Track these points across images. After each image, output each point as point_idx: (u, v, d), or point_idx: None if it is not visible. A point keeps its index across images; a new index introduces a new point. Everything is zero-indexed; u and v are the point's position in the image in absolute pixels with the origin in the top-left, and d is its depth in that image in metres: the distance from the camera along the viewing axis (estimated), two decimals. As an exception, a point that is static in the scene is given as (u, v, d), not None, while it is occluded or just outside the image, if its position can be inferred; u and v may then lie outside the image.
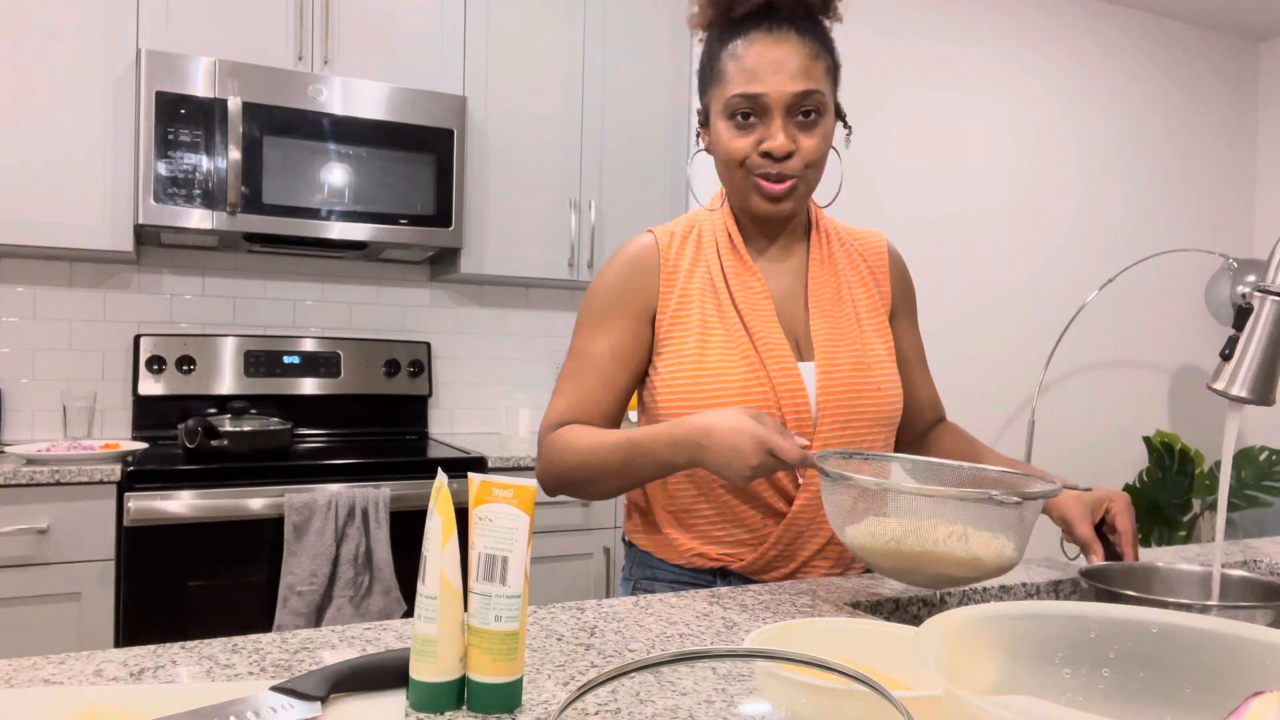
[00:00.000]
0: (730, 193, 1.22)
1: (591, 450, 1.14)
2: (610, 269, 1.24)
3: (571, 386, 1.22)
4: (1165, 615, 0.67)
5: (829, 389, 1.18)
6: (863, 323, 1.25)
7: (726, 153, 1.16)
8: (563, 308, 3.28)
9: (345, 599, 2.24)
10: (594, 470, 1.15)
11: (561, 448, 1.17)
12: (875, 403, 1.21)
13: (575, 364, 1.23)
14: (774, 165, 1.14)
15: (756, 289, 1.21)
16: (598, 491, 1.17)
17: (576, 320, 1.25)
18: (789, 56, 1.13)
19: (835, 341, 1.21)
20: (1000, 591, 1.15)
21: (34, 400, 2.60)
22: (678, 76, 3.10)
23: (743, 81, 1.13)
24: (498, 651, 0.70)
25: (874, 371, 1.22)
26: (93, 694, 0.71)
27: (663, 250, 1.23)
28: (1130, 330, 4.01)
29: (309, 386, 2.81)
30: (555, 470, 1.18)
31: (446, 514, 0.70)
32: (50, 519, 2.08)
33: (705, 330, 1.19)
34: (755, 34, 1.14)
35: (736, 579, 1.21)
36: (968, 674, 0.65)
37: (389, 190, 2.59)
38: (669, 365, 1.20)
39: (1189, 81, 4.12)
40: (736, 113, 1.14)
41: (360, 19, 2.64)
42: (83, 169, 2.36)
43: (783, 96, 1.12)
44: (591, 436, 1.15)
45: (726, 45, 1.16)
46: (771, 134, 1.13)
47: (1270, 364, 0.89)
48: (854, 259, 1.29)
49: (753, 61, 1.13)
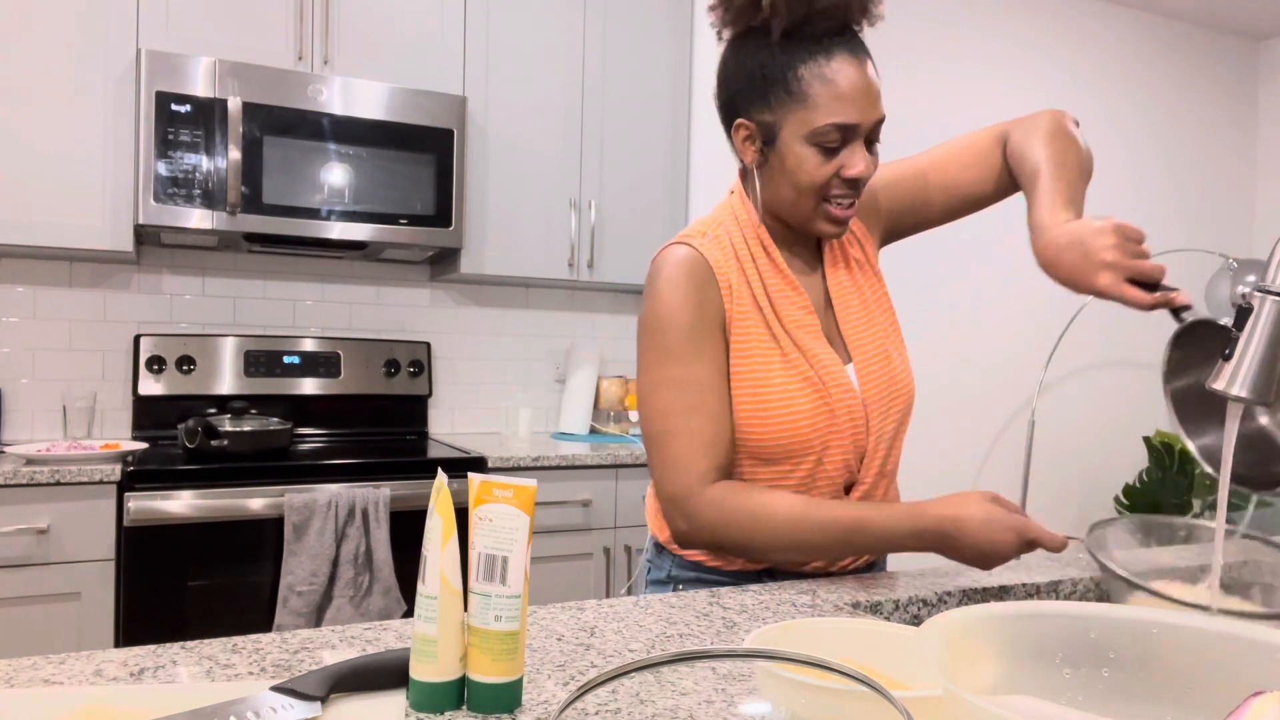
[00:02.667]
0: (790, 213, 1.16)
1: (796, 524, 1.08)
2: (671, 289, 1.14)
3: (701, 422, 1.11)
4: (1165, 615, 0.67)
5: (870, 386, 1.19)
6: (874, 307, 1.25)
7: (811, 179, 1.11)
8: (563, 308, 3.28)
9: (345, 599, 2.24)
10: (793, 545, 1.08)
11: (747, 514, 1.09)
12: (903, 387, 1.23)
13: (688, 396, 1.12)
14: (854, 192, 1.13)
15: (799, 303, 1.18)
16: (779, 560, 1.13)
17: (654, 349, 1.14)
18: (871, 81, 1.09)
19: (865, 340, 1.22)
20: (1000, 591, 1.15)
21: (34, 400, 2.60)
22: (678, 76, 3.10)
23: (838, 110, 1.07)
24: (498, 651, 0.70)
25: (894, 358, 1.23)
26: (93, 694, 0.71)
27: (713, 262, 1.16)
28: (1130, 330, 4.01)
29: (309, 386, 2.81)
30: (733, 535, 1.10)
31: (446, 514, 0.70)
32: (50, 519, 2.08)
33: (763, 353, 1.16)
34: (840, 54, 1.08)
35: (782, 576, 1.22)
36: (968, 674, 0.65)
37: (389, 190, 2.59)
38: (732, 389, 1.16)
39: (1189, 81, 4.12)
40: (826, 141, 1.09)
41: (360, 19, 2.64)
42: (83, 169, 2.36)
43: (870, 124, 1.10)
44: (789, 505, 1.08)
45: (807, 63, 1.08)
46: (855, 161, 1.10)
47: (1270, 364, 0.89)
48: (851, 242, 1.28)
49: (846, 88, 1.07)
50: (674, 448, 1.12)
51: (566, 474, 2.61)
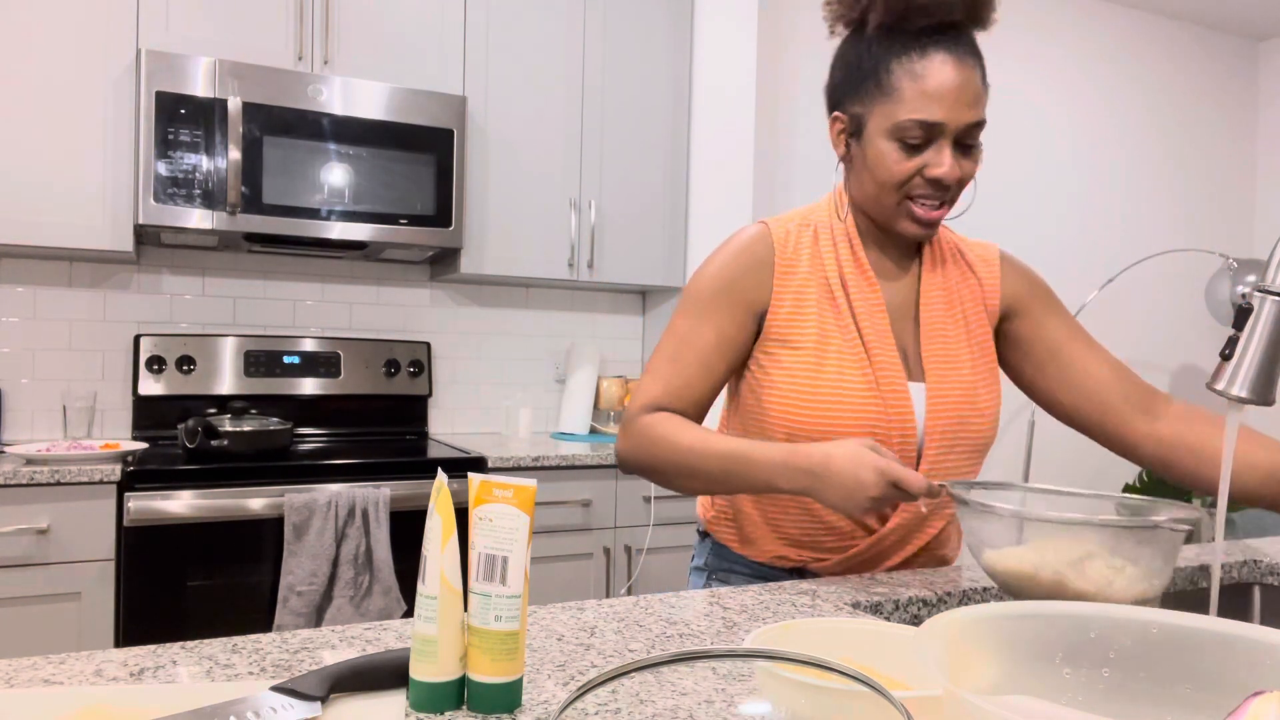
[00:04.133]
0: (874, 209, 1.16)
1: (691, 450, 1.11)
2: (721, 255, 1.19)
3: (670, 370, 1.17)
4: (1165, 615, 0.67)
5: (938, 414, 1.16)
6: (972, 340, 1.21)
7: (890, 175, 1.10)
8: (563, 308, 3.28)
9: (345, 599, 2.24)
10: (688, 470, 1.12)
11: (657, 437, 1.14)
12: (979, 429, 1.19)
13: (675, 346, 1.18)
14: (939, 193, 1.11)
15: (874, 301, 1.17)
16: (682, 487, 1.15)
17: (679, 302, 1.20)
18: (968, 83, 1.07)
19: (947, 364, 1.18)
20: (1000, 592, 1.15)
21: (34, 400, 2.60)
22: (678, 76, 3.10)
23: (922, 106, 1.07)
24: (497, 651, 0.70)
25: (980, 396, 1.19)
26: (93, 694, 0.71)
27: (778, 244, 1.18)
28: (1130, 330, 4.01)
29: (309, 386, 2.81)
30: (643, 457, 1.15)
31: (446, 514, 0.70)
32: (50, 519, 2.08)
33: (824, 336, 1.15)
34: (934, 52, 1.07)
35: (813, 576, 1.22)
36: (968, 674, 0.65)
37: (389, 190, 2.59)
38: (784, 367, 1.16)
39: (1189, 81, 4.12)
40: (907, 137, 1.08)
41: (360, 19, 2.64)
42: (83, 169, 2.36)
43: (959, 126, 1.08)
44: (694, 434, 1.12)
45: (900, 58, 1.08)
46: (940, 161, 1.08)
47: (1270, 364, 0.89)
48: (965, 272, 1.25)
49: (935, 85, 1.06)
50: (642, 381, 1.20)
51: (566, 474, 2.61)
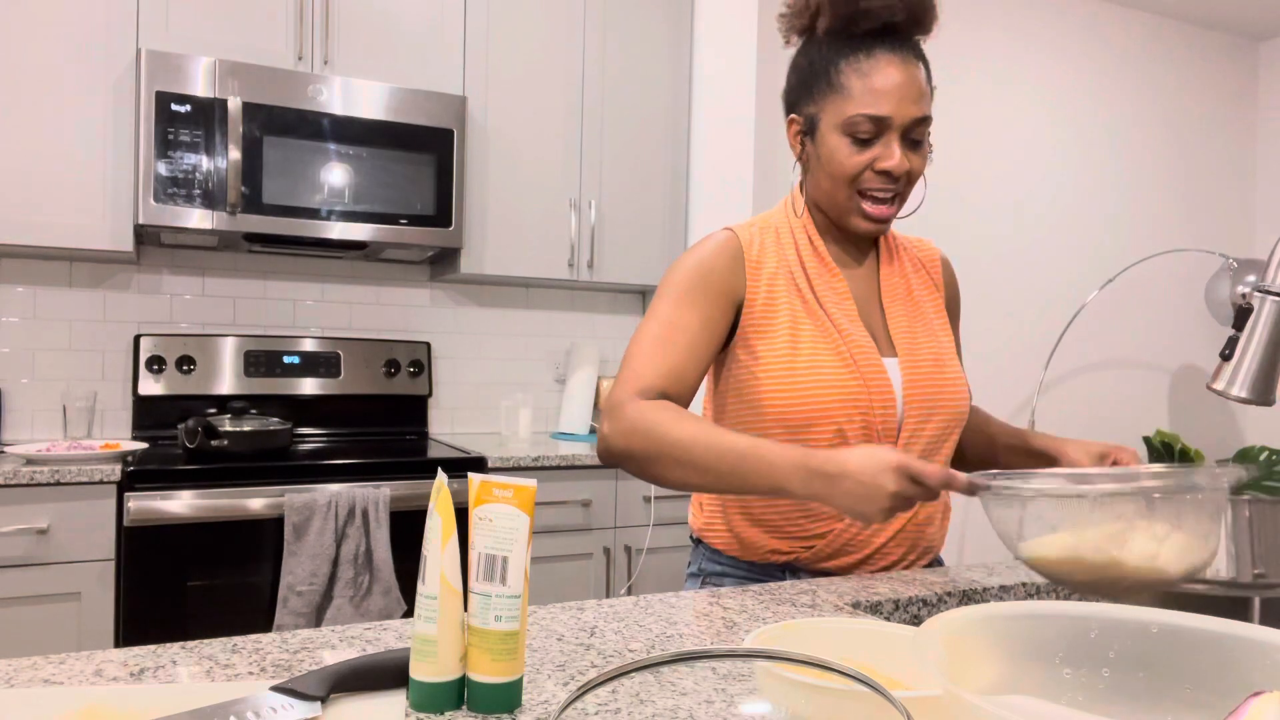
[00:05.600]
0: (829, 205, 1.22)
1: (695, 441, 1.06)
2: (696, 252, 1.22)
3: (660, 354, 1.15)
4: (1165, 615, 0.67)
5: (914, 383, 1.20)
6: (931, 320, 1.28)
7: (842, 168, 1.16)
8: (563, 308, 3.28)
9: (345, 599, 2.24)
10: (689, 462, 1.06)
11: (654, 421, 1.08)
12: (953, 397, 1.23)
13: (662, 331, 1.16)
14: (888, 185, 1.16)
15: (839, 288, 1.22)
16: (676, 480, 1.09)
17: (658, 292, 1.20)
18: (912, 80, 1.14)
19: (914, 337, 1.23)
20: (1000, 591, 1.15)
21: (34, 400, 2.60)
22: (677, 76, 3.10)
23: (870, 101, 1.13)
24: (497, 651, 0.70)
25: (948, 366, 1.24)
26: (93, 694, 0.71)
27: (745, 246, 1.23)
28: (1130, 330, 4.01)
29: (309, 386, 2.81)
30: (636, 444, 1.09)
31: (446, 514, 0.70)
32: (50, 519, 2.08)
33: (795, 325, 1.19)
34: (880, 53, 1.14)
35: (806, 573, 1.22)
36: (968, 674, 0.65)
37: (389, 190, 2.59)
38: (760, 357, 1.19)
39: (1189, 81, 4.12)
40: (857, 131, 1.14)
41: (360, 19, 2.63)
42: (83, 169, 2.36)
43: (905, 120, 1.14)
44: (697, 425, 1.07)
45: (848, 58, 1.15)
46: (889, 154, 1.14)
47: (1270, 364, 0.89)
48: (916, 264, 1.32)
49: (880, 82, 1.13)
50: (629, 365, 1.16)
51: (566, 474, 2.61)
